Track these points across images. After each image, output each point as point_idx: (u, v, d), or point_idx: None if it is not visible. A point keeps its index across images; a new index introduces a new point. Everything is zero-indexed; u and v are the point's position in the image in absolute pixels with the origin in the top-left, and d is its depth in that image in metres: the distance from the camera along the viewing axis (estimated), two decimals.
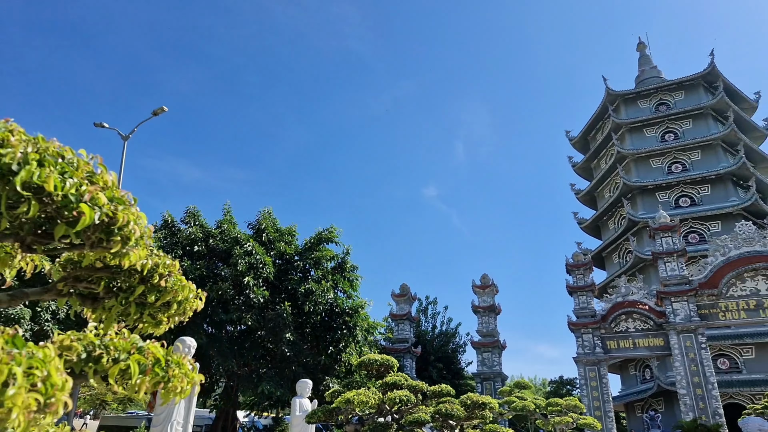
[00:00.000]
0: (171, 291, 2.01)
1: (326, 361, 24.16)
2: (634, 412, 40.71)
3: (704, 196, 44.47)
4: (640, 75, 54.39)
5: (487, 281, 35.43)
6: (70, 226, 1.45)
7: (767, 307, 27.65)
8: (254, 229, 25.38)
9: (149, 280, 1.95)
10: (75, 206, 1.42)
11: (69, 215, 1.43)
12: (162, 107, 20.82)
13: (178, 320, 2.13)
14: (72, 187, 1.42)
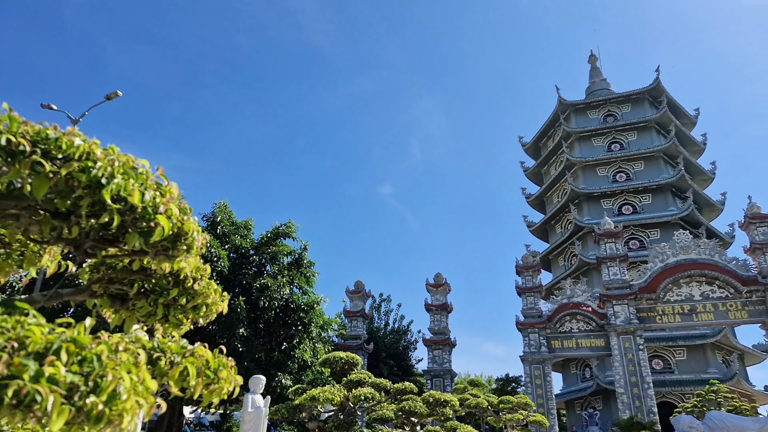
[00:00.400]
0: (202, 294, 2.04)
1: (279, 357, 23.96)
2: (574, 410, 42.39)
3: (645, 204, 46.71)
4: (591, 86, 56.51)
5: (441, 280, 36.01)
6: (144, 235, 1.48)
7: (700, 312, 29.40)
8: (209, 221, 24.82)
9: (183, 283, 1.98)
10: (152, 217, 1.46)
11: (145, 226, 1.46)
12: (116, 92, 20.08)
13: (203, 322, 2.17)
14: (150, 200, 1.45)
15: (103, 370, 1.12)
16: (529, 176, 57.29)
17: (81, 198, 1.38)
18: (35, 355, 1.06)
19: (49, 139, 1.39)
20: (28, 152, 1.32)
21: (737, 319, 29.02)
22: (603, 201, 47.49)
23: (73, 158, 1.37)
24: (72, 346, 1.12)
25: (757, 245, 29.19)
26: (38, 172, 1.34)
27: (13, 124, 1.34)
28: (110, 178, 1.38)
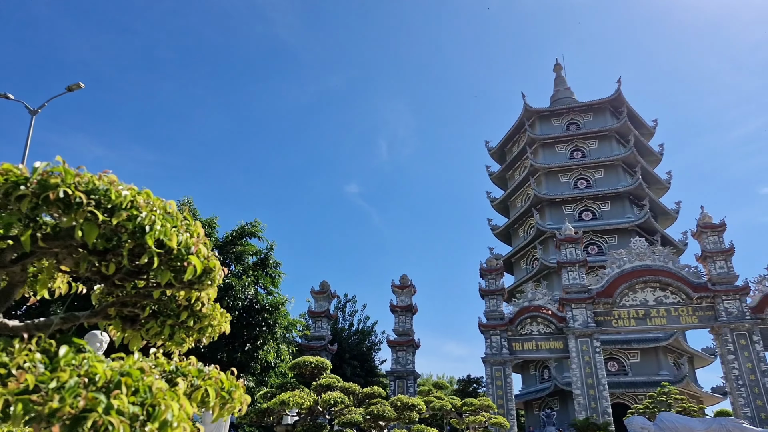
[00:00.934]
0: (208, 317, 2.19)
1: (242, 358, 23.78)
2: (532, 410, 43.43)
3: (604, 211, 48.25)
4: (555, 94, 57.98)
5: (406, 282, 36.38)
6: (176, 272, 1.63)
7: (653, 317, 30.63)
8: None
9: (192, 306, 2.12)
10: (185, 257, 1.61)
11: (179, 265, 1.61)
12: (78, 83, 19.68)
13: (206, 341, 2.31)
14: (184, 242, 1.60)
15: (154, 400, 1.28)
16: (494, 180, 58.37)
17: (124, 240, 1.53)
18: (103, 389, 1.21)
19: (99, 190, 1.53)
20: (85, 203, 1.46)
21: (688, 323, 30.35)
22: (564, 207, 48.80)
23: (120, 207, 1.52)
24: (129, 380, 1.27)
25: (708, 253, 30.61)
26: (90, 220, 1.48)
27: (68, 176, 1.47)
28: (152, 225, 1.53)
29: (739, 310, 28.84)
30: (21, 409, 1.15)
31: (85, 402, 1.17)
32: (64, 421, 1.15)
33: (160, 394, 1.29)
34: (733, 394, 27.93)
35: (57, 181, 1.47)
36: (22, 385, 1.18)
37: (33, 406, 1.15)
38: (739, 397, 27.27)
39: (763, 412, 26.51)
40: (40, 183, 1.47)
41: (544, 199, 48.65)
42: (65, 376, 1.22)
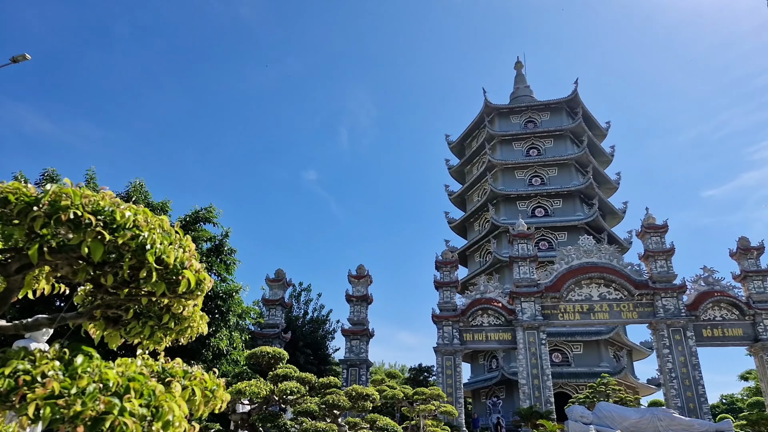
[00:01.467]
0: (188, 319, 2.33)
1: (193, 345, 23.51)
2: (479, 398, 44.77)
3: (556, 208, 49.87)
4: (515, 92, 59.22)
5: (363, 272, 36.65)
6: (171, 285, 1.77)
7: (597, 311, 32.04)
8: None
9: (172, 308, 2.26)
10: (179, 271, 1.75)
11: (173, 278, 1.75)
12: (24, 54, 18.88)
13: (184, 341, 2.45)
14: (179, 258, 1.74)
15: (157, 402, 1.44)
16: (452, 174, 59.27)
17: (125, 256, 1.67)
18: (116, 393, 1.35)
19: (105, 211, 1.65)
20: (94, 224, 1.58)
21: (629, 319, 31.92)
22: (519, 203, 50.12)
23: (124, 227, 1.65)
24: (137, 385, 1.42)
25: (650, 253, 32.21)
26: (96, 239, 1.60)
27: (76, 198, 1.59)
28: (153, 243, 1.67)
29: (675, 307, 30.53)
30: (49, 412, 1.29)
31: (103, 405, 1.33)
32: (85, 423, 1.30)
33: (162, 397, 1.45)
34: (666, 386, 29.64)
35: (67, 203, 1.59)
36: (48, 390, 1.32)
37: (59, 409, 1.30)
38: (671, 388, 28.98)
39: (692, 402, 28.29)
40: (51, 204, 1.59)
41: (499, 195, 49.82)
42: (84, 382, 1.36)
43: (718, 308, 30.72)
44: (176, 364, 2.00)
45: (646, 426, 22.99)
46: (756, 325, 29.78)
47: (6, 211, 1.59)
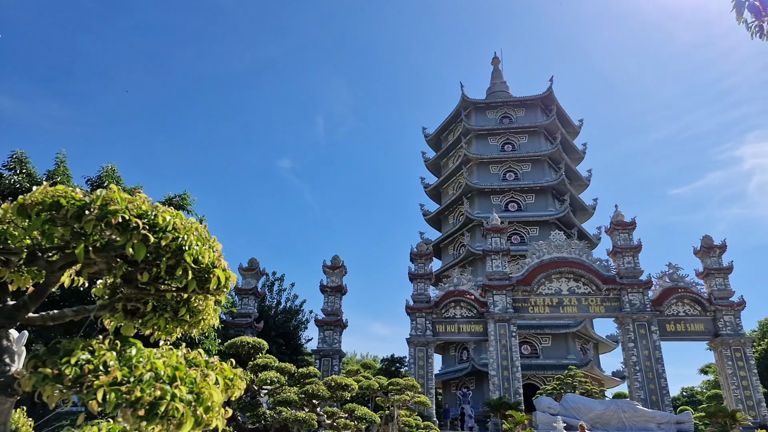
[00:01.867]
0: (203, 312, 2.47)
1: None
2: (450, 389, 45.52)
3: (529, 203, 50.75)
4: (491, 87, 59.81)
5: (338, 262, 36.78)
6: (202, 282, 1.91)
7: (566, 305, 32.88)
8: (93, 185, 23.35)
9: (190, 303, 2.39)
10: (211, 271, 1.89)
11: (205, 276, 1.89)
12: None
13: (196, 334, 2.59)
14: (212, 259, 1.88)
15: (198, 389, 1.59)
16: (428, 167, 59.69)
17: (163, 256, 1.81)
18: (167, 381, 1.50)
19: (149, 215, 1.78)
20: (141, 227, 1.71)
21: (596, 313, 32.85)
22: (493, 197, 50.84)
23: (165, 230, 1.78)
24: (181, 373, 1.57)
25: (618, 249, 33.15)
26: (141, 240, 1.73)
27: (122, 202, 1.71)
28: (190, 245, 1.81)
29: (641, 303, 31.55)
30: (114, 397, 1.43)
31: (159, 392, 1.47)
32: (144, 407, 1.45)
33: (202, 384, 1.60)
34: (631, 378, 30.67)
35: (116, 208, 1.72)
36: (112, 378, 1.46)
37: (121, 395, 1.44)
38: (635, 381, 30.00)
39: (655, 394, 29.36)
40: (101, 208, 1.71)
41: (474, 189, 50.43)
42: (141, 371, 1.51)
43: (681, 304, 31.86)
44: (199, 354, 2.14)
45: (610, 417, 23.87)
46: (716, 320, 31.00)
47: (57, 214, 1.71)
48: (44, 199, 1.76)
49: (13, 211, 1.82)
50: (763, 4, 6.33)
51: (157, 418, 1.49)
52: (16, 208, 1.81)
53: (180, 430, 1.54)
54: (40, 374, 1.52)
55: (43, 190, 1.81)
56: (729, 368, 29.95)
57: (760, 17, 6.32)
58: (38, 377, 1.52)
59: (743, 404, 28.71)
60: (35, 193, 1.83)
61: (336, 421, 10.66)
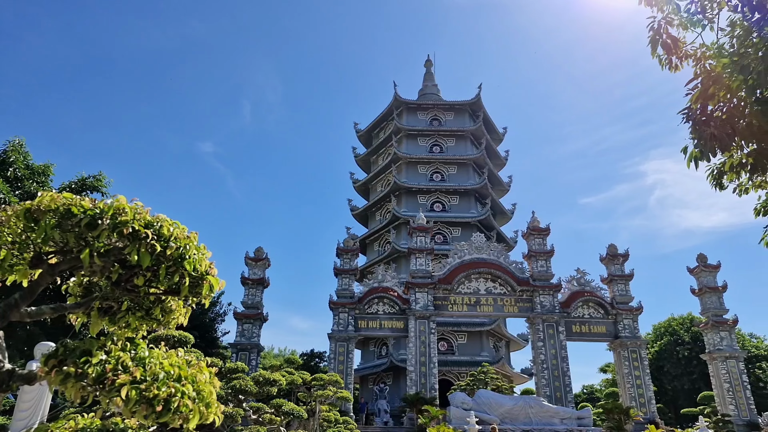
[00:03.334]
0: (175, 312, 2.56)
1: None
2: (367, 384, 46.16)
3: (453, 205, 52.42)
4: (423, 89, 61.08)
5: (261, 254, 36.24)
6: (194, 287, 2.03)
7: (483, 304, 34.39)
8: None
9: (163, 302, 2.48)
10: (205, 278, 2.01)
11: (199, 281, 2.00)
12: None
13: (165, 332, 2.67)
14: (206, 267, 2.01)
15: (199, 387, 1.73)
16: (358, 162, 60.04)
17: (160, 262, 1.92)
18: (177, 380, 1.63)
19: (154, 225, 1.88)
20: (150, 237, 1.80)
21: (510, 312, 34.62)
22: (419, 196, 52.03)
23: (168, 239, 1.89)
24: (184, 372, 1.70)
25: (533, 253, 35.09)
26: (147, 249, 1.83)
27: (130, 213, 1.79)
28: (190, 254, 1.93)
29: (551, 304, 33.61)
30: (135, 394, 1.54)
31: (173, 389, 1.60)
32: (161, 403, 1.57)
33: (202, 382, 1.75)
34: (538, 376, 32.62)
35: (127, 219, 1.81)
36: (132, 377, 1.57)
37: (140, 392, 1.56)
38: (542, 378, 31.95)
39: (559, 391, 31.43)
40: (113, 219, 1.80)
41: (402, 187, 51.36)
42: (156, 370, 1.63)
43: (587, 307, 34.27)
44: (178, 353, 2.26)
45: (518, 412, 25.31)
46: (617, 323, 33.64)
47: (70, 222, 1.77)
48: (55, 206, 1.82)
49: (19, 215, 1.86)
50: (674, 43, 7.13)
51: (170, 413, 1.63)
52: (22, 212, 1.85)
53: (188, 424, 1.69)
54: (64, 373, 1.61)
55: (52, 197, 1.87)
56: (626, 368, 32.61)
57: (670, 53, 7.12)
58: (61, 376, 1.61)
59: (636, 401, 31.40)
60: (43, 199, 1.89)
61: (261, 416, 10.68)
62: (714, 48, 6.79)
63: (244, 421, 10.86)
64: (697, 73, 6.79)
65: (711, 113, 6.72)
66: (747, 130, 6.57)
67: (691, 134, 6.85)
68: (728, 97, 6.56)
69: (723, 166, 7.48)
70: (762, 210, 7.82)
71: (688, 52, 7.08)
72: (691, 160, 6.85)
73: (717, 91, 6.24)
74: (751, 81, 5.50)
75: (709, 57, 6.87)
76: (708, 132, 6.56)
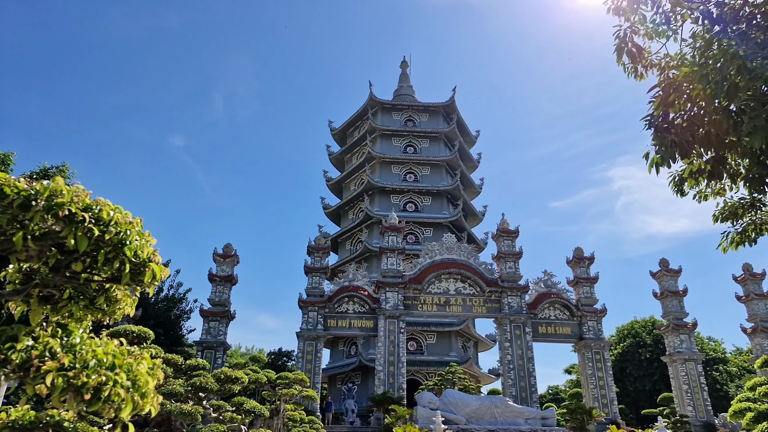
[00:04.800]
0: (120, 302, 2.48)
1: None
2: (335, 384, 46.02)
3: (426, 205, 52.70)
4: (399, 90, 61.24)
5: (230, 251, 35.72)
6: (135, 274, 1.96)
7: (452, 304, 34.62)
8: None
9: (108, 291, 2.40)
10: (147, 265, 1.94)
11: (141, 269, 1.93)
12: None
13: (111, 321, 2.59)
14: (149, 254, 1.94)
15: (133, 376, 1.67)
16: (332, 161, 59.83)
17: (99, 247, 1.84)
18: (109, 368, 1.56)
19: (93, 209, 1.80)
20: (87, 221, 1.72)
21: (479, 313, 34.94)
22: (392, 196, 52.15)
23: (108, 224, 1.81)
24: (119, 361, 1.63)
25: (502, 254, 35.50)
26: (84, 232, 1.76)
27: (68, 195, 1.71)
28: (131, 240, 1.86)
29: (518, 305, 34.05)
30: (62, 382, 1.47)
31: (103, 378, 1.54)
32: (90, 392, 1.51)
33: (138, 371, 1.69)
34: (505, 376, 33.00)
35: (63, 201, 1.73)
36: (59, 364, 1.50)
37: (68, 380, 1.49)
38: (509, 378, 32.34)
39: (525, 392, 31.87)
40: (48, 200, 1.71)
41: (375, 187, 51.39)
42: (87, 358, 1.56)
43: (553, 308, 34.83)
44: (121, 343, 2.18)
45: (484, 412, 25.54)
46: (582, 325, 34.28)
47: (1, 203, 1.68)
48: None
49: None
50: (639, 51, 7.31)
51: (100, 402, 1.57)
52: None
53: (120, 413, 1.62)
54: None
55: None
56: (589, 369, 33.27)
57: (635, 61, 7.30)
58: None
59: (599, 402, 32.07)
60: None
61: (222, 414, 10.49)
62: (677, 58, 6.97)
63: (205, 419, 10.66)
64: (660, 82, 6.97)
65: (672, 120, 6.90)
66: (705, 138, 6.76)
67: (653, 140, 7.02)
68: (689, 105, 6.74)
69: (683, 172, 7.69)
70: (720, 216, 8.07)
71: (653, 62, 7.26)
72: (653, 165, 7.01)
73: (678, 99, 6.40)
74: (709, 90, 5.66)
75: (672, 67, 7.06)
76: (669, 139, 6.73)
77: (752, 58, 4.91)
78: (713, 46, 5.84)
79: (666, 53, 7.16)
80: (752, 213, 7.58)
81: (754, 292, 36.03)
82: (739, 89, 5.14)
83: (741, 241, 7.65)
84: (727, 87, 5.23)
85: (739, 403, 12.94)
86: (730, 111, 5.90)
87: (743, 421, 12.30)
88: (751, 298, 36.01)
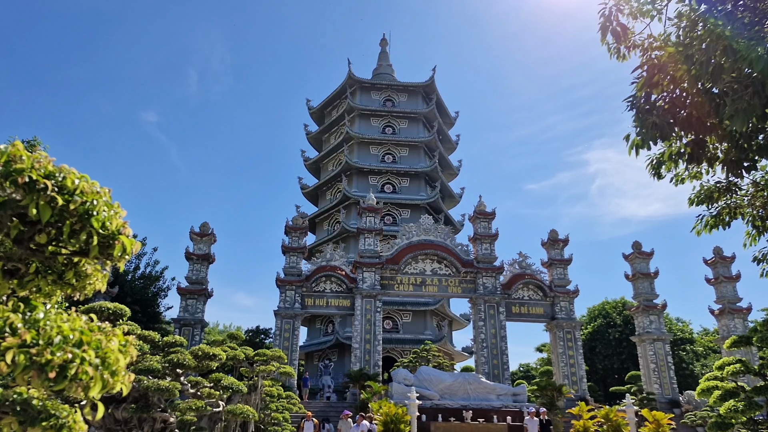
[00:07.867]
0: (90, 276, 2.35)
1: None
2: (313, 361, 46.29)
3: (403, 187, 52.68)
4: (378, 69, 60.57)
5: (207, 229, 35.30)
6: (104, 247, 1.83)
7: (428, 285, 34.91)
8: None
9: (77, 266, 2.26)
10: (116, 237, 1.81)
11: (110, 242, 1.80)
12: None
13: (81, 297, 2.47)
14: (118, 226, 1.81)
15: (103, 353, 1.56)
16: (310, 140, 59.17)
17: (64, 218, 1.70)
18: (76, 345, 1.45)
19: (56, 176, 1.66)
20: (50, 189, 1.58)
21: (454, 293, 35.32)
22: (370, 177, 51.96)
23: (73, 193, 1.67)
24: (87, 338, 1.52)
25: (479, 236, 35.81)
26: (47, 202, 1.62)
27: (28, 161, 1.57)
28: (98, 210, 1.73)
29: (493, 286, 34.50)
30: (23, 359, 1.36)
31: (69, 355, 1.43)
32: (55, 370, 1.40)
33: (107, 349, 1.58)
34: (478, 354, 33.56)
35: (23, 167, 1.59)
36: (21, 340, 1.39)
37: (31, 357, 1.38)
38: (482, 356, 32.89)
39: (497, 369, 32.48)
40: (6, 166, 1.57)
41: (353, 167, 51.09)
42: (51, 334, 1.45)
43: (527, 289, 35.39)
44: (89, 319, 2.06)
45: (458, 389, 25.97)
46: (554, 305, 34.95)
47: None
48: None
49: None
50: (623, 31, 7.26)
51: (66, 380, 1.47)
52: None
53: (88, 392, 1.53)
54: None
55: None
56: (560, 348, 34.03)
57: (619, 41, 7.26)
58: None
59: (569, 379, 32.90)
60: None
61: (200, 390, 10.41)
62: (661, 39, 6.94)
63: (183, 395, 10.59)
64: (643, 63, 6.96)
65: (654, 102, 6.91)
66: (686, 121, 6.80)
67: (634, 122, 7.03)
68: (671, 87, 6.74)
69: (662, 156, 7.74)
70: (696, 200, 8.18)
71: (636, 43, 7.22)
72: (633, 147, 7.04)
73: (661, 80, 6.40)
74: (694, 71, 5.65)
75: (656, 48, 7.03)
76: (650, 120, 6.75)
77: (739, 39, 4.90)
78: (698, 26, 5.82)
79: (650, 34, 7.13)
80: (727, 197, 7.69)
81: (723, 274, 37.07)
82: (724, 71, 5.14)
83: (715, 224, 7.77)
84: (712, 68, 5.22)
85: (707, 381, 13.34)
86: (712, 93, 5.92)
87: (710, 399, 12.70)
88: (720, 281, 37.06)
